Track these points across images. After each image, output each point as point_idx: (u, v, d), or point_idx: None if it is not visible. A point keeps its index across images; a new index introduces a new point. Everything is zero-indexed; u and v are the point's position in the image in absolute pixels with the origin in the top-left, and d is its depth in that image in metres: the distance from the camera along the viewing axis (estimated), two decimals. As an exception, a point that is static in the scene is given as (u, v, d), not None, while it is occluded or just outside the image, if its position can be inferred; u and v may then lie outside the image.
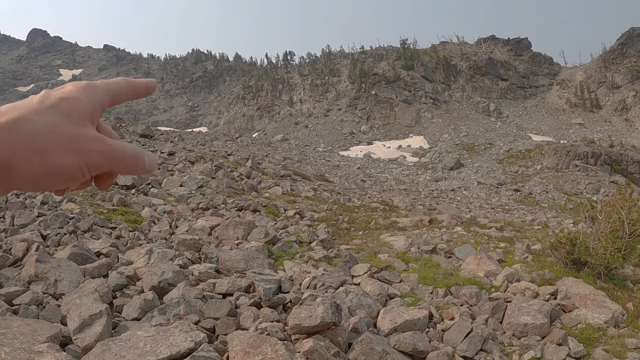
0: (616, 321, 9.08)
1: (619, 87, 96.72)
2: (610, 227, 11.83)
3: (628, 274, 12.64)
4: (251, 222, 14.81)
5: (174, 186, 20.95)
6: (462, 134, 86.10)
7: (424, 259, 13.12)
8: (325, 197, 26.87)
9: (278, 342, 6.59)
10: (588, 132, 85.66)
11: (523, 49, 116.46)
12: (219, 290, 9.07)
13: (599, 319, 9.02)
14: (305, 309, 7.41)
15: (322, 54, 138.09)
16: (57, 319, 7.49)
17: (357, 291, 9.11)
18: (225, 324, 7.62)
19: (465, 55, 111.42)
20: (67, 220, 13.18)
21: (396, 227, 19.25)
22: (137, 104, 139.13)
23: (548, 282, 10.96)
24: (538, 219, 32.56)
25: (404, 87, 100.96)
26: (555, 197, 52.73)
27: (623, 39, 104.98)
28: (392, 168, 69.58)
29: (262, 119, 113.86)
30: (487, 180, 59.03)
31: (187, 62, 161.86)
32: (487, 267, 11.95)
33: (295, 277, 10.07)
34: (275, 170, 33.91)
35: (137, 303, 8.13)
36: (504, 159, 71.47)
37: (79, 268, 9.36)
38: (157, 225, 14.57)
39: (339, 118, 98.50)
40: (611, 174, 62.88)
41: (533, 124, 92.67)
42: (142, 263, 10.40)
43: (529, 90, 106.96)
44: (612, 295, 10.29)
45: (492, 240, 17.07)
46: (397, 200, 31.39)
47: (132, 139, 35.91)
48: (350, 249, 13.91)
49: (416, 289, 10.48)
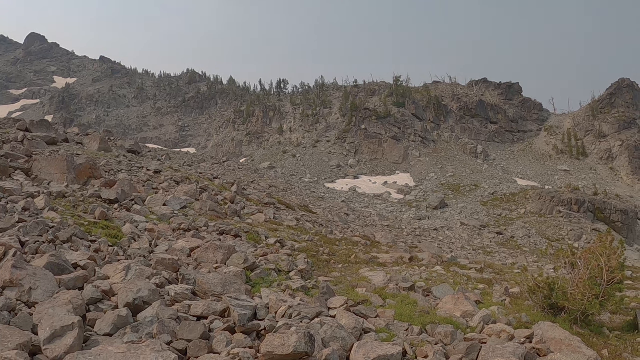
0: (590, 368, 9.07)
1: (605, 136, 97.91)
2: (589, 274, 11.88)
3: (605, 321, 12.67)
4: (232, 247, 14.74)
5: (158, 205, 20.85)
6: (448, 174, 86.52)
7: (402, 295, 13.08)
8: (307, 227, 26.82)
9: (249, 368, 6.55)
10: (573, 179, 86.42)
11: (514, 93, 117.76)
12: (194, 312, 9.00)
13: (573, 365, 9.01)
14: (279, 337, 7.37)
15: (316, 84, 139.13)
16: (29, 327, 7.39)
17: (332, 323, 9.05)
18: (197, 346, 7.55)
19: (457, 96, 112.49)
20: (47, 228, 13.07)
21: (376, 262, 19.22)
22: (128, 119, 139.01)
23: (524, 325, 10.95)
24: (519, 262, 32.68)
25: (394, 123, 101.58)
26: (537, 242, 52.94)
27: (612, 89, 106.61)
28: (377, 204, 69.72)
29: (251, 145, 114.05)
30: (470, 221, 59.22)
31: (181, 82, 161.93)
32: (465, 307, 11.93)
33: (271, 305, 10.01)
34: (259, 197, 33.86)
35: (111, 319, 8.04)
36: (488, 202, 71.79)
37: (55, 278, 9.26)
38: (137, 242, 14.47)
39: (327, 150, 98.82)
40: (594, 221, 63.36)
41: (519, 168, 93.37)
42: (119, 279, 10.31)
43: (517, 134, 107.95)
44: (588, 341, 10.29)
45: (471, 281, 17.07)
46: (380, 236, 31.36)
47: (119, 153, 35.81)
48: (328, 281, 13.86)
49: (392, 325, 10.43)
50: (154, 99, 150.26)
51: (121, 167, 29.10)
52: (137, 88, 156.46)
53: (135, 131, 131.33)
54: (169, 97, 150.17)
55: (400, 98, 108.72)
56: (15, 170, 21.66)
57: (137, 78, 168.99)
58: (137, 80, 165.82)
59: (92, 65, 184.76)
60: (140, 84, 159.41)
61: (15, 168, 21.85)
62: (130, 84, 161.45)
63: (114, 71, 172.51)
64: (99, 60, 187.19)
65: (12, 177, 20.66)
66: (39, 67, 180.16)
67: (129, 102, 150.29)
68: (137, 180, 25.89)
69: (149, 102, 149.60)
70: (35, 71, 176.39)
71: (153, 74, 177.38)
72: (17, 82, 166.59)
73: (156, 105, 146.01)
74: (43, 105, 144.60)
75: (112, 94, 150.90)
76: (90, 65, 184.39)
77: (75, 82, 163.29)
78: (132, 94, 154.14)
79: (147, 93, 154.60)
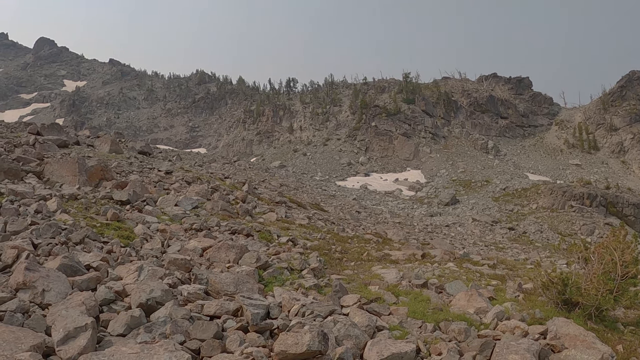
0: (605, 364, 9.01)
1: (617, 129, 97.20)
2: (603, 269, 11.80)
3: (619, 316, 12.59)
4: (244, 246, 14.75)
5: (169, 205, 20.89)
6: (459, 170, 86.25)
7: (415, 292, 13.05)
8: (319, 226, 26.82)
9: (263, 367, 6.54)
10: (585, 173, 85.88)
11: (524, 88, 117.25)
12: (206, 312, 9.00)
13: (588, 360, 8.95)
14: (292, 336, 7.36)
15: (325, 82, 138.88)
16: (42, 328, 7.42)
17: (346, 321, 9.03)
18: (211, 346, 7.55)
19: (467, 92, 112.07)
20: (60, 230, 13.12)
21: (388, 259, 19.18)
22: (139, 120, 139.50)
23: (538, 321, 10.89)
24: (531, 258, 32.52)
25: (404, 120, 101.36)
26: (549, 237, 52.69)
27: (623, 81, 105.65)
28: (388, 201, 69.55)
29: (262, 144, 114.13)
30: (482, 217, 59.02)
31: (191, 83, 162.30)
32: (478, 304, 11.88)
33: (284, 303, 9.99)
34: (271, 196, 33.89)
35: (124, 319, 8.05)
36: (499, 197, 71.46)
37: (68, 279, 9.29)
38: (150, 242, 14.51)
39: (338, 148, 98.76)
40: (606, 215, 62.95)
41: (530, 163, 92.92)
42: (132, 279, 10.33)
43: (528, 129, 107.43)
44: (602, 337, 10.22)
45: (484, 278, 17.00)
46: (391, 233, 31.34)
47: (130, 154, 35.93)
48: (341, 279, 13.85)
49: (405, 323, 10.40)
50: (164, 100, 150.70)
51: (132, 169, 29.20)
52: (147, 90, 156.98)
53: (145, 132, 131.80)
54: (178, 98, 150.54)
55: (409, 94, 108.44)
56: (27, 174, 21.77)
57: (146, 80, 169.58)
58: (147, 82, 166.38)
59: (101, 68, 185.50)
60: (149, 86, 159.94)
61: (27, 171, 21.96)
62: (140, 86, 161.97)
63: (123, 73, 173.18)
64: (109, 62, 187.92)
65: (24, 180, 20.76)
66: (49, 71, 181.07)
67: (139, 104, 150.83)
68: (149, 181, 25.98)
69: (159, 103, 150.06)
70: (45, 75, 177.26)
71: (162, 76, 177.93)
72: (27, 87, 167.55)
73: (166, 107, 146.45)
74: (54, 108, 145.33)
75: (122, 96, 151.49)
76: (100, 68, 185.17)
77: (85, 85, 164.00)
78: (142, 96, 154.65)
79: (157, 94, 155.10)
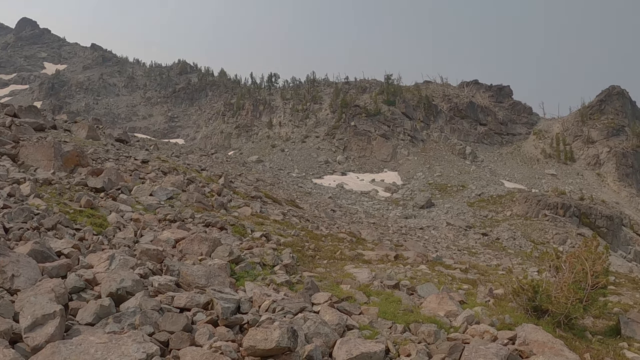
0: (572, 372, 9.10)
1: (594, 142, 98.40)
2: (574, 278, 11.92)
3: (588, 325, 12.73)
4: (217, 239, 14.68)
5: (144, 195, 20.74)
6: (436, 174, 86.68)
7: (386, 293, 13.08)
8: (293, 222, 26.81)
9: (231, 361, 6.51)
10: (560, 184, 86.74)
11: (504, 96, 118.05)
12: (177, 304, 8.94)
13: (554, 368, 9.03)
14: (262, 332, 7.34)
15: (307, 80, 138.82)
16: (10, 314, 7.32)
17: (316, 319, 9.03)
18: (180, 338, 7.50)
19: (447, 97, 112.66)
20: (32, 215, 12.97)
21: (361, 259, 19.23)
22: (117, 107, 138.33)
23: (508, 326, 10.97)
24: (503, 264, 32.79)
25: (383, 121, 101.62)
26: (522, 244, 53.17)
27: (602, 95, 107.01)
28: (364, 201, 69.73)
29: (240, 138, 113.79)
30: (456, 221, 59.36)
31: (172, 72, 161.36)
32: (448, 307, 11.94)
33: (255, 298, 9.96)
34: (246, 190, 33.82)
35: (93, 308, 7.97)
36: (474, 202, 71.96)
37: (38, 266, 9.18)
38: (122, 232, 14.38)
39: (316, 145, 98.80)
40: (579, 226, 63.75)
41: (507, 170, 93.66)
42: (103, 268, 10.23)
43: (506, 137, 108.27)
44: (570, 345, 10.33)
45: (455, 281, 17.11)
46: (365, 233, 31.42)
47: (107, 142, 35.61)
48: (313, 277, 13.84)
49: (375, 323, 10.42)
50: (144, 89, 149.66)
51: (109, 156, 28.96)
52: (128, 77, 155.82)
53: (124, 120, 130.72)
54: (159, 87, 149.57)
55: (390, 96, 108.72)
56: (2, 156, 21.50)
57: (127, 66, 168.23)
58: (128, 68, 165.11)
59: (83, 52, 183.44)
60: (130, 73, 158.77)
61: (1, 153, 21.69)
62: (120, 73, 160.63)
63: (104, 59, 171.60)
64: (90, 47, 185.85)
65: (-3, 162, 20.50)
66: (30, 52, 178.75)
67: (119, 91, 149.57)
68: (125, 169, 25.78)
69: (138, 91, 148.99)
70: (26, 56, 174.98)
71: (144, 64, 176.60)
72: (6, 67, 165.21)
73: (146, 95, 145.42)
74: (32, 91, 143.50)
75: (102, 82, 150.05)
76: (81, 53, 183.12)
77: (66, 69, 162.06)
78: (122, 83, 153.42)
79: (137, 82, 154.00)
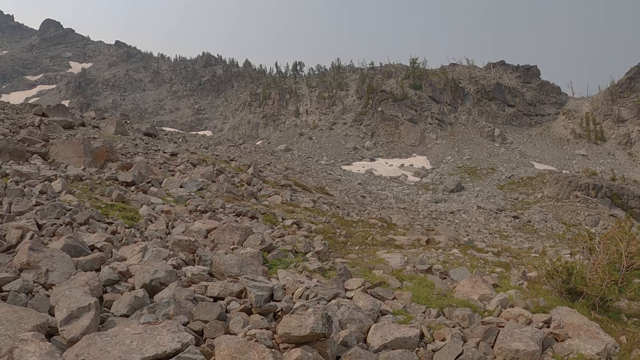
0: (608, 354, 8.96)
1: (624, 121, 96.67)
2: (608, 259, 11.72)
3: (623, 307, 12.53)
4: (248, 228, 14.73)
5: (174, 187, 20.89)
6: (465, 157, 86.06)
7: (419, 278, 13.01)
8: (324, 209, 26.80)
9: (266, 349, 6.50)
10: (591, 164, 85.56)
11: (532, 76, 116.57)
12: (210, 293, 8.98)
13: (591, 350, 8.89)
14: (296, 318, 7.33)
15: (332, 67, 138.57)
16: (45, 308, 7.41)
17: (349, 305, 9.00)
18: (214, 327, 7.53)
19: (474, 79, 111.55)
20: (64, 211, 13.12)
21: (393, 244, 19.16)
22: (144, 102, 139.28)
23: (542, 309, 10.84)
24: (535, 247, 32.47)
25: (410, 106, 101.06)
26: (553, 227, 52.63)
27: (632, 73, 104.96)
28: (393, 186, 69.52)
29: (267, 127, 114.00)
30: (486, 205, 58.94)
31: (197, 65, 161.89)
32: (482, 290, 11.84)
33: (288, 286, 9.97)
34: (276, 179, 33.86)
35: (127, 300, 8.04)
36: (505, 185, 71.35)
37: (72, 260, 9.28)
38: (154, 224, 14.50)
39: (344, 132, 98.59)
40: (611, 207, 62.75)
41: (536, 152, 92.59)
42: (136, 260, 10.32)
43: (535, 118, 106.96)
44: (605, 327, 10.17)
45: (488, 265, 16.97)
46: (396, 219, 31.31)
47: (135, 136, 35.91)
48: (345, 263, 13.81)
49: (409, 308, 10.38)
50: (170, 83, 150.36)
51: (137, 150, 29.20)
52: (153, 72, 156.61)
53: (151, 115, 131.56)
54: (184, 81, 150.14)
55: (417, 80, 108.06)
56: (33, 155, 21.80)
57: (152, 62, 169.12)
58: (153, 64, 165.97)
59: (107, 50, 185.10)
60: (155, 68, 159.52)
61: (32, 152, 21.99)
62: (145, 68, 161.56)
63: (129, 55, 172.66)
64: (114, 44, 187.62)
65: (29, 161, 20.80)
66: (55, 52, 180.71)
67: (145, 86, 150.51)
68: (154, 162, 25.97)
69: (164, 85, 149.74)
70: (51, 57, 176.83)
71: (168, 58, 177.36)
72: (33, 68, 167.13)
73: (172, 89, 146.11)
74: (59, 90, 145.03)
75: (128, 78, 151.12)
76: (106, 50, 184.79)
77: (91, 67, 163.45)
78: (148, 78, 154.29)
79: (162, 77, 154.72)
